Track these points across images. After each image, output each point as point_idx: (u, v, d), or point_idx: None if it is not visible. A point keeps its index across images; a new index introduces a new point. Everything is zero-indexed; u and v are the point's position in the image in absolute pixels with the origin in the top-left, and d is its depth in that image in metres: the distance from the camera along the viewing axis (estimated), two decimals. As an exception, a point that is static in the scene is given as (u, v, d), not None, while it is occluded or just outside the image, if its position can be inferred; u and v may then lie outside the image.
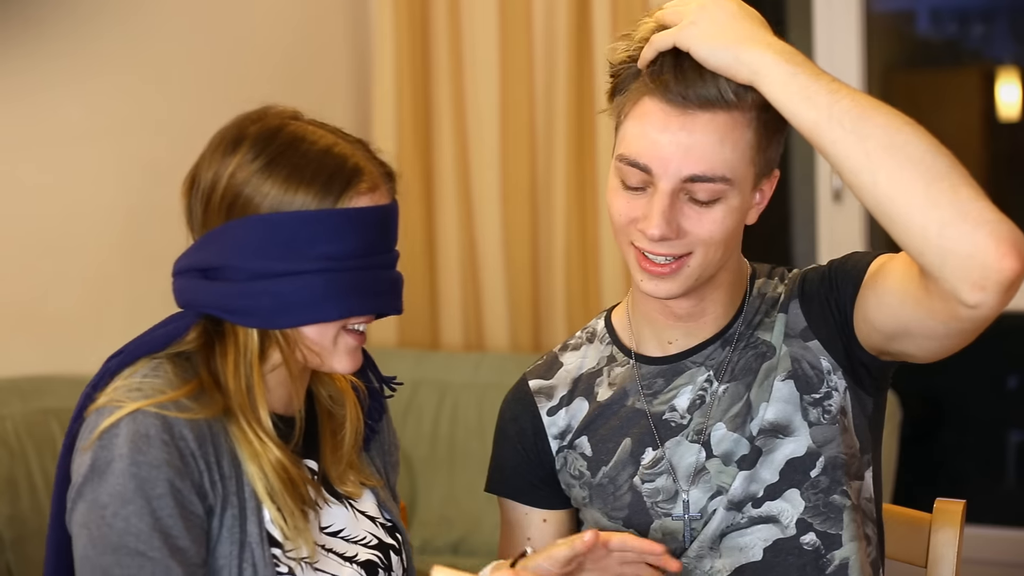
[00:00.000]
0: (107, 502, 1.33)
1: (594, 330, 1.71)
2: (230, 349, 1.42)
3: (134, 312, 2.93)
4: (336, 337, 1.43)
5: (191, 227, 1.47)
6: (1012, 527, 3.22)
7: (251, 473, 1.40)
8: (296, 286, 1.38)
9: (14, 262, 2.73)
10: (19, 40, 2.73)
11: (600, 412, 1.64)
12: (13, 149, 2.73)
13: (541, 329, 3.38)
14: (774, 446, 1.55)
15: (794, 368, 1.56)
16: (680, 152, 1.45)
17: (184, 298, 1.46)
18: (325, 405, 1.55)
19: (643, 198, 1.49)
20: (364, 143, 1.46)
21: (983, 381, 3.86)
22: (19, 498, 2.47)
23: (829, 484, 1.55)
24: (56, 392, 2.65)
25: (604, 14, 3.19)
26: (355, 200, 1.40)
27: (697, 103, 1.45)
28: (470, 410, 3.06)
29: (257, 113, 1.47)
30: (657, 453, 1.59)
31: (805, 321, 1.58)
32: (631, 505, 1.60)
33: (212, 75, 3.13)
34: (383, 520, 1.55)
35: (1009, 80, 3.83)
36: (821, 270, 1.60)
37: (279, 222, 1.38)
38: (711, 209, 1.48)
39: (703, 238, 1.49)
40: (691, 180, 1.46)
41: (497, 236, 3.35)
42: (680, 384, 1.61)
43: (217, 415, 1.40)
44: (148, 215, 2.96)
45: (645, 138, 1.47)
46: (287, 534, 1.41)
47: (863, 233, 3.25)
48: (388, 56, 3.38)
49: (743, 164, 1.48)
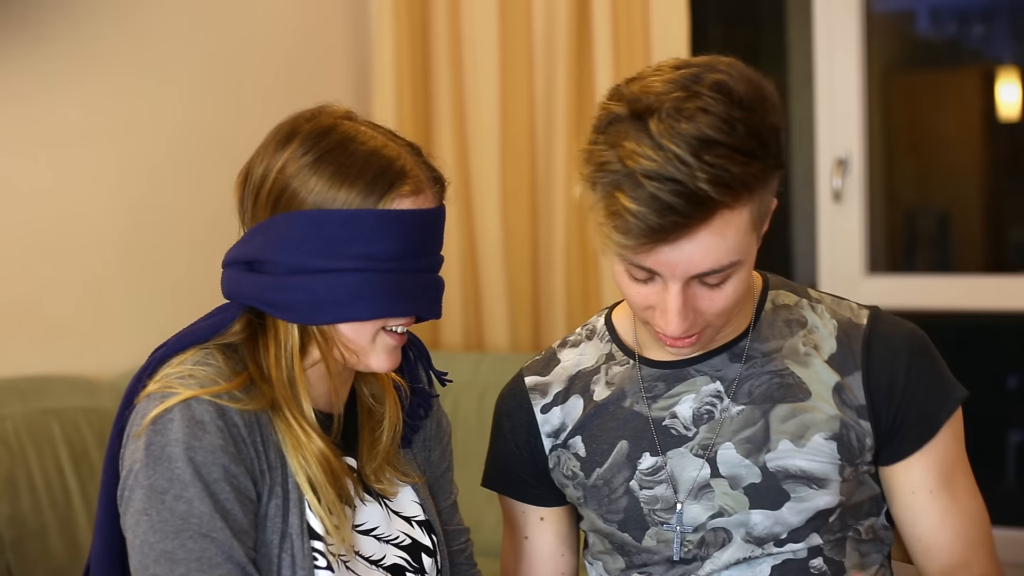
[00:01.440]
0: (166, 487, 1.34)
1: (594, 328, 1.70)
2: (271, 342, 1.44)
3: (134, 312, 2.93)
4: (374, 336, 1.44)
5: (242, 220, 1.48)
6: (1012, 527, 3.22)
7: (295, 464, 1.42)
8: (331, 284, 1.40)
9: (14, 262, 2.73)
10: (18, 41, 2.73)
11: (596, 411, 1.63)
12: (13, 149, 2.73)
13: (541, 329, 3.38)
14: (806, 495, 1.54)
15: (842, 433, 1.55)
16: (684, 257, 1.41)
17: (229, 289, 1.47)
18: (367, 403, 1.56)
19: (653, 286, 1.46)
20: (415, 147, 1.47)
21: (983, 381, 3.86)
22: (19, 498, 2.47)
23: (844, 524, 1.57)
24: (56, 392, 2.65)
25: (604, 15, 3.19)
26: (397, 202, 1.41)
27: (689, 223, 1.38)
28: (470, 410, 3.06)
29: (312, 111, 1.48)
30: (657, 461, 1.58)
31: (866, 402, 1.56)
32: (627, 509, 1.59)
33: (212, 76, 3.13)
34: (421, 518, 1.56)
35: (1009, 80, 3.83)
36: (896, 360, 1.57)
37: (319, 219, 1.40)
38: (723, 287, 1.46)
39: (717, 313, 1.48)
40: (700, 275, 1.43)
41: (497, 236, 3.35)
42: (682, 391, 1.59)
43: (265, 407, 1.41)
44: (148, 216, 2.96)
45: (642, 253, 1.41)
46: (327, 527, 1.42)
47: (863, 233, 3.25)
48: (388, 56, 3.38)
49: (748, 239, 1.44)
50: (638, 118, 1.39)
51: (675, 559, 1.56)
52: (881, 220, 3.57)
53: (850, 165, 3.22)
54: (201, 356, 1.42)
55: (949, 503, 1.57)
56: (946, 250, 4.10)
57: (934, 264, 4.14)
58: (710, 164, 1.36)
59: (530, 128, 3.33)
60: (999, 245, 4.06)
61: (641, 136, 1.38)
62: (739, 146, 1.38)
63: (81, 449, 2.60)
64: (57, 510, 2.53)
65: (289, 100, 1.53)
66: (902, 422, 1.56)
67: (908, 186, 4.06)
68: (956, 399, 1.58)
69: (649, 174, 1.36)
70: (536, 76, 3.31)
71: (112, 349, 2.86)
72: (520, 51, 3.32)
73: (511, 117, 3.34)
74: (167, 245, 3.01)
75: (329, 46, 3.46)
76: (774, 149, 1.42)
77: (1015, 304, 3.17)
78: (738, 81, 1.41)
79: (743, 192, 1.39)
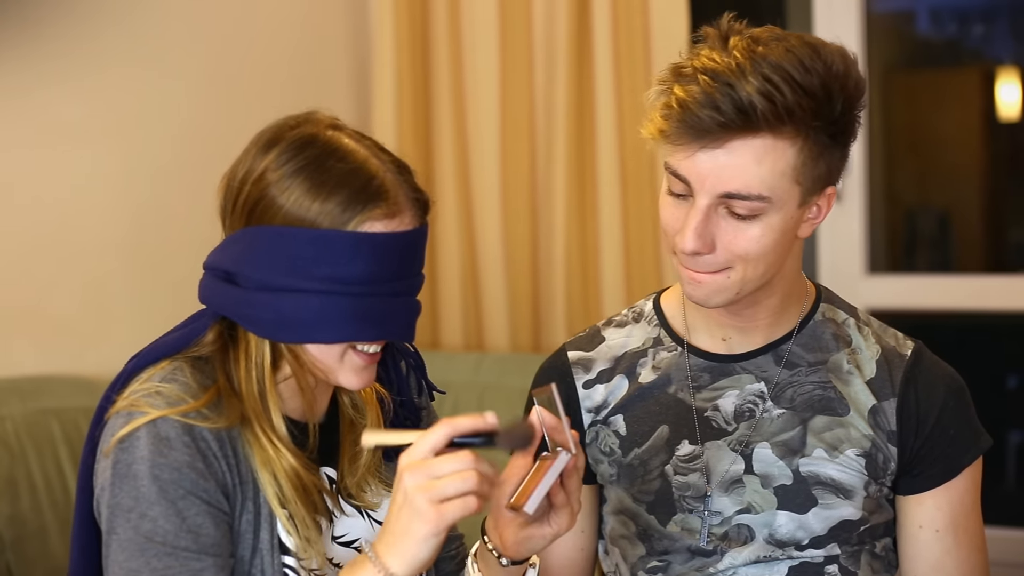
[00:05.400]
0: (131, 505, 1.33)
1: (641, 311, 1.70)
2: (242, 355, 1.41)
3: (134, 312, 2.93)
4: (342, 356, 1.41)
5: (223, 223, 1.45)
6: (1012, 527, 3.22)
7: (263, 480, 1.39)
8: (297, 304, 1.36)
9: (14, 262, 2.73)
10: (18, 40, 2.73)
11: (640, 393, 1.64)
12: (13, 148, 2.73)
13: (541, 329, 3.38)
14: (833, 504, 1.57)
15: (872, 452, 1.58)
16: (716, 169, 1.44)
17: (204, 295, 1.45)
18: (348, 414, 1.53)
19: (684, 207, 1.49)
20: (401, 164, 1.43)
21: (983, 381, 3.86)
22: (19, 498, 2.47)
23: (863, 539, 1.60)
24: (56, 392, 2.65)
25: (604, 14, 3.19)
26: (369, 224, 1.37)
27: (727, 127, 1.42)
28: (470, 410, 3.03)
29: (297, 118, 1.44)
30: (695, 449, 1.60)
31: (896, 428, 1.59)
32: (659, 492, 1.60)
33: (212, 75, 3.13)
34: None
35: (1009, 80, 3.83)
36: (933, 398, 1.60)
37: (288, 237, 1.36)
38: (749, 225, 1.47)
39: (739, 254, 1.48)
40: (727, 196, 1.45)
41: (497, 236, 3.35)
42: (725, 386, 1.61)
43: (234, 424, 1.39)
44: (148, 215, 2.96)
45: (683, 152, 1.46)
46: (298, 542, 1.40)
47: (863, 233, 3.25)
48: (388, 56, 3.38)
49: (784, 183, 1.46)
50: (724, 39, 1.46)
51: (701, 545, 1.58)
52: (881, 220, 3.56)
53: (850, 165, 3.22)
54: (169, 371, 1.39)
55: (951, 547, 1.60)
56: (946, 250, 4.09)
57: (934, 264, 4.14)
58: (767, 80, 1.40)
59: (530, 128, 3.33)
60: (999, 245, 4.05)
61: (717, 46, 1.45)
62: (805, 84, 1.42)
63: (81, 449, 2.60)
64: (57, 510, 2.53)
65: (289, 100, 1.53)
66: (924, 457, 1.59)
67: (908, 186, 4.05)
68: (980, 448, 1.62)
69: (707, 71, 1.42)
70: (536, 76, 3.31)
71: (112, 349, 2.86)
72: (520, 51, 3.32)
73: (511, 117, 3.34)
74: (168, 245, 3.00)
75: (329, 46, 3.46)
76: (840, 118, 1.45)
77: (1015, 304, 3.17)
78: (835, 54, 1.46)
79: (790, 124, 1.42)
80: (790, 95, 1.41)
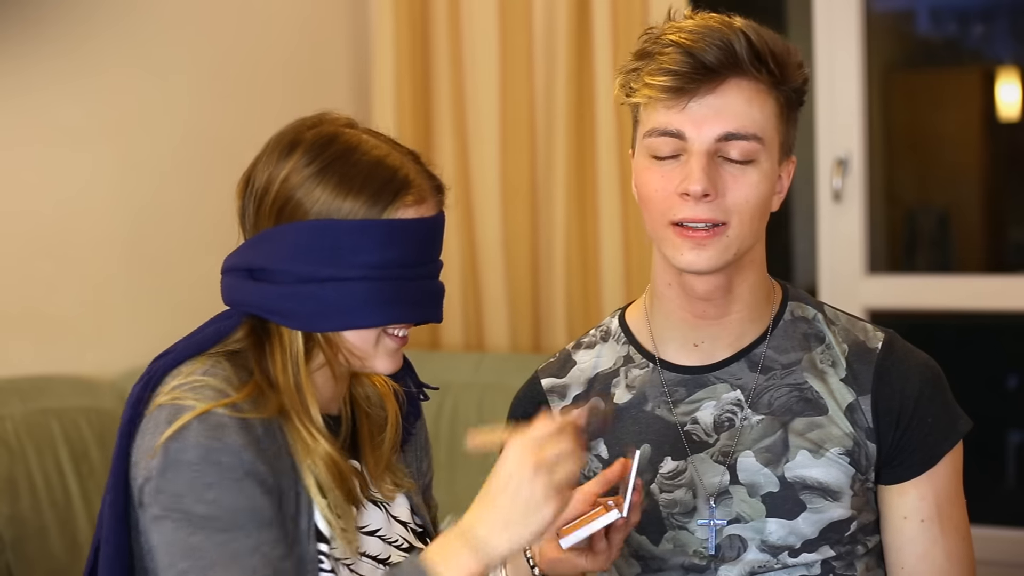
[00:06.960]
0: (185, 492, 1.35)
1: (608, 329, 1.70)
2: (276, 349, 1.45)
3: (134, 312, 2.93)
4: (377, 341, 1.46)
5: (242, 226, 1.49)
6: (1012, 527, 3.22)
7: (303, 468, 1.43)
8: (339, 292, 1.42)
9: (14, 262, 2.73)
10: (18, 40, 2.73)
11: (617, 415, 1.63)
12: (13, 149, 2.73)
13: (541, 329, 3.38)
14: (822, 507, 1.57)
15: (854, 450, 1.58)
16: (711, 113, 1.50)
17: (230, 296, 1.48)
18: (363, 407, 1.57)
19: (677, 166, 1.51)
20: (416, 155, 1.49)
21: (983, 381, 3.87)
22: (19, 498, 2.47)
23: (855, 538, 1.59)
24: (56, 392, 2.65)
25: (604, 14, 3.19)
26: (401, 212, 1.43)
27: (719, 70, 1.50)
28: (470, 410, 3.06)
29: (313, 119, 1.49)
30: (679, 465, 1.60)
31: (873, 425, 1.59)
32: (647, 512, 1.59)
33: (212, 75, 3.13)
34: (414, 526, 1.57)
35: (1009, 80, 3.83)
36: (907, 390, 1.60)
37: (326, 229, 1.41)
38: (746, 171, 1.51)
39: (739, 203, 1.51)
40: (725, 138, 1.50)
41: (497, 236, 3.35)
42: (702, 397, 1.61)
43: (274, 415, 1.42)
44: (149, 215, 2.96)
45: (675, 107, 1.51)
46: (335, 530, 1.43)
47: (863, 233, 3.25)
48: (388, 56, 3.38)
49: (771, 127, 1.53)
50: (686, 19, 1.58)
51: (710, 553, 1.58)
52: (881, 220, 3.56)
53: (850, 165, 3.22)
54: (210, 365, 1.42)
55: (937, 536, 1.60)
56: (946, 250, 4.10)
57: (934, 264, 4.14)
58: (745, 27, 1.52)
59: (530, 128, 3.33)
60: (999, 245, 4.06)
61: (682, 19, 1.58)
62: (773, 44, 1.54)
63: (81, 449, 2.60)
64: (57, 510, 2.53)
65: (289, 100, 1.54)
66: (904, 447, 1.59)
67: (908, 186, 4.06)
68: (960, 432, 1.62)
69: (691, 28, 1.53)
70: (536, 76, 3.31)
71: (112, 349, 2.86)
72: (520, 51, 3.32)
73: (511, 117, 3.34)
74: (168, 245, 3.01)
75: (329, 46, 3.46)
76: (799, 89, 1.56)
77: (1015, 304, 3.17)
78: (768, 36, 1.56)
79: (766, 75, 1.51)
80: (768, 41, 1.52)
